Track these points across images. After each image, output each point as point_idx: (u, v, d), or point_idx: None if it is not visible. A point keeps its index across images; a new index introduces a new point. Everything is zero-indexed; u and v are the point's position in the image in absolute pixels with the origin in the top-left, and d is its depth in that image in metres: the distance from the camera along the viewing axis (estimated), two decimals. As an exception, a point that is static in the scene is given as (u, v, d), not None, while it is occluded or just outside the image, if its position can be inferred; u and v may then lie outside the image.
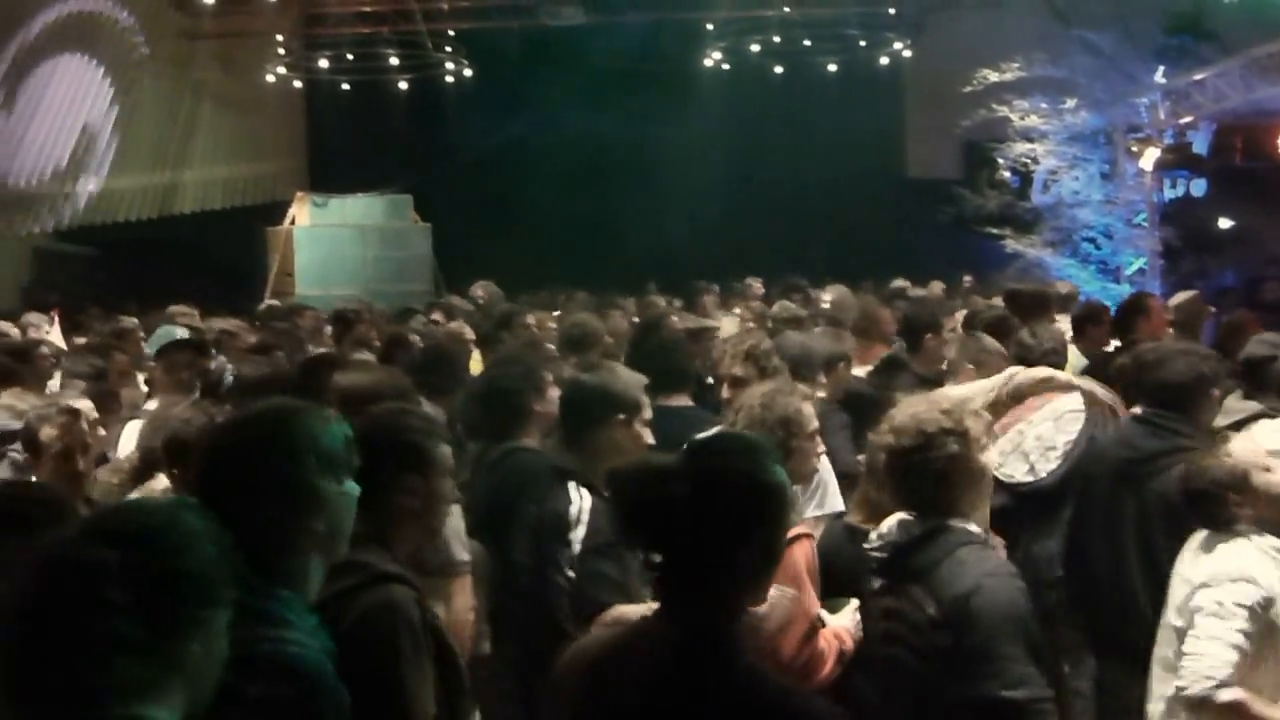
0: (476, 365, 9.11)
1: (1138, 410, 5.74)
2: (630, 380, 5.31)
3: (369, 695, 3.29)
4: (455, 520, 4.78)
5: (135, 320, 12.04)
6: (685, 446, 3.16)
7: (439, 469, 3.86)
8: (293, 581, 2.99)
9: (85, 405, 5.50)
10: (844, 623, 4.68)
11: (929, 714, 4.05)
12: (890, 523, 4.26)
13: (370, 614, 3.45)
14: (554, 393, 5.98)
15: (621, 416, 5.10)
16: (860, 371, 8.14)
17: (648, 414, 5.22)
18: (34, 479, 5.13)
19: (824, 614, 4.69)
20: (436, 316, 12.50)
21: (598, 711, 3.05)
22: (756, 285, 16.99)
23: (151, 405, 7.64)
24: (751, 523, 2.96)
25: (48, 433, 5.16)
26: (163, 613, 2.28)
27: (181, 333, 8.60)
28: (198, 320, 11.91)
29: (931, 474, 4.13)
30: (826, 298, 14.03)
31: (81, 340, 11.30)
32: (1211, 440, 5.11)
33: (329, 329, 11.22)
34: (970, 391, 5.87)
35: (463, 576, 4.91)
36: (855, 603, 4.67)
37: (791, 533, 4.43)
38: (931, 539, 4.13)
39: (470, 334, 10.12)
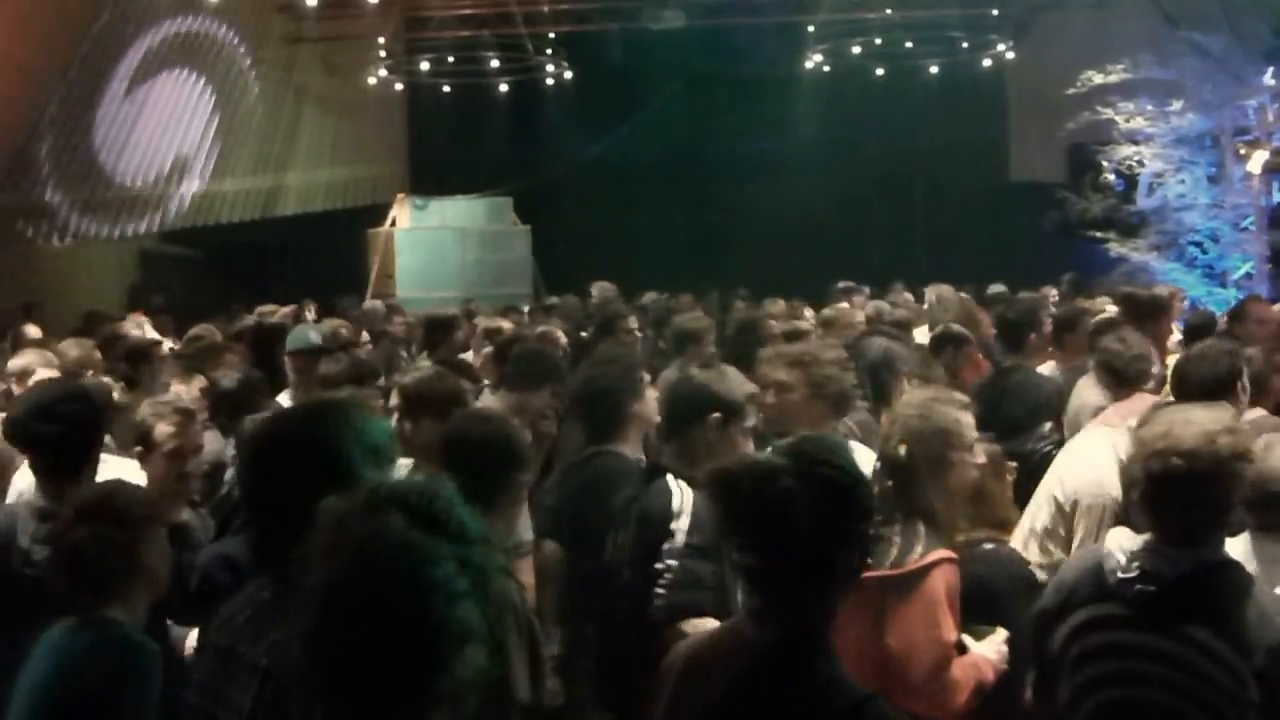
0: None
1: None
2: (736, 383, 5.17)
3: None
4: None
5: (252, 319, 12.18)
6: (774, 449, 3.17)
7: (529, 465, 4.00)
8: None
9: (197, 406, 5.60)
10: (987, 652, 4.49)
11: None
12: (1129, 548, 4.02)
13: None
14: (652, 394, 5.96)
15: (717, 416, 4.95)
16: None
17: (750, 421, 5.07)
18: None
19: (967, 640, 4.49)
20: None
21: (686, 710, 3.06)
22: (862, 289, 16.91)
23: (284, 399, 7.87)
24: (853, 521, 2.97)
25: (162, 430, 5.23)
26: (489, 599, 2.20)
27: (315, 336, 8.70)
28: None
29: (1222, 503, 3.89)
30: (929, 296, 13.92)
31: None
32: None
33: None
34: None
35: (525, 558, 4.94)
36: (1003, 633, 4.50)
37: (933, 556, 4.38)
38: (1215, 576, 3.88)
39: (562, 337, 10.12)
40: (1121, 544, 4.05)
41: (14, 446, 5.13)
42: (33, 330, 11.93)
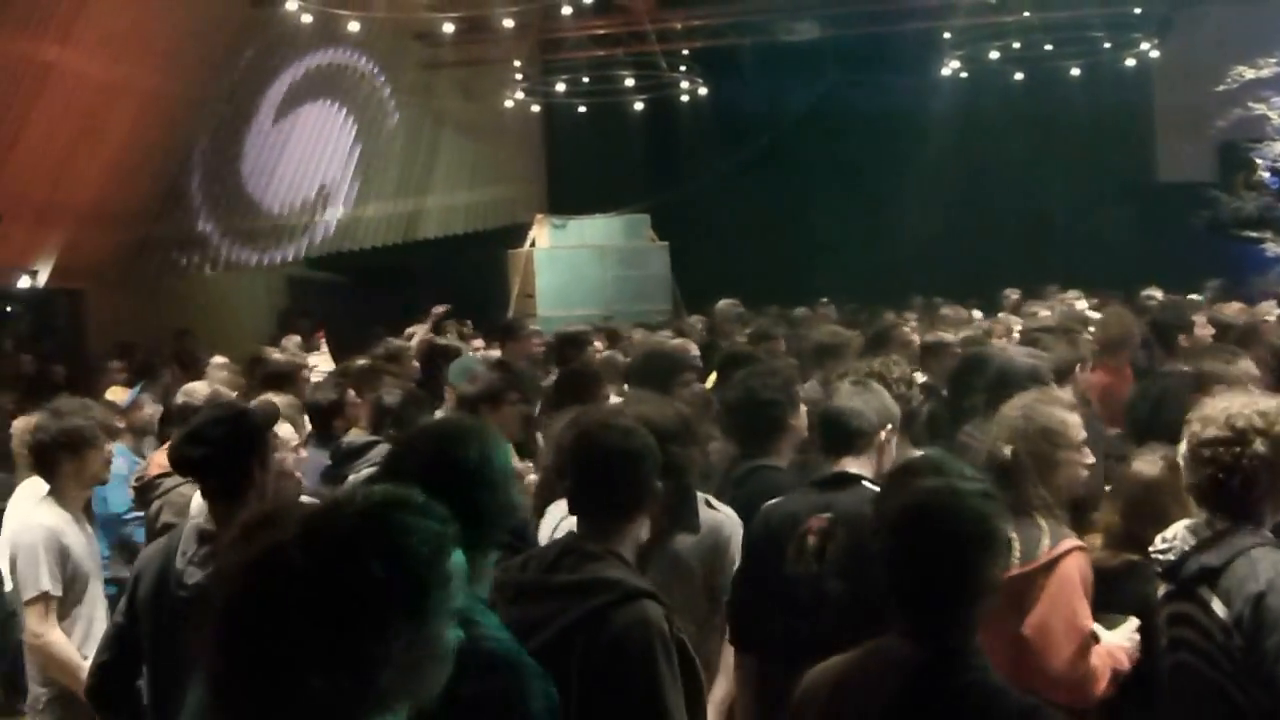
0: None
1: None
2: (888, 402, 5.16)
3: (630, 707, 3.44)
4: None
5: (407, 342, 12.33)
6: (906, 474, 3.24)
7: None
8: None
9: (286, 430, 5.67)
10: (1120, 641, 4.50)
11: (1223, 715, 3.91)
12: (1177, 528, 4.12)
13: (628, 630, 3.53)
14: (804, 409, 5.90)
15: (890, 428, 5.00)
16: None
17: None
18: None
19: (1099, 630, 4.52)
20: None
21: None
22: (1013, 295, 16.75)
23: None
24: (1002, 534, 3.02)
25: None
26: (365, 622, 2.23)
27: (479, 366, 8.82)
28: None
29: (1235, 471, 3.94)
30: (1080, 305, 13.69)
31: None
32: None
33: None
34: None
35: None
36: (1135, 621, 4.50)
37: (1065, 545, 4.46)
38: (1221, 540, 3.98)
39: (696, 350, 10.14)
40: (1172, 528, 4.14)
41: (178, 473, 5.24)
42: (218, 359, 12.17)
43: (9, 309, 17.96)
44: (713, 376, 9.01)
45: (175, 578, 4.60)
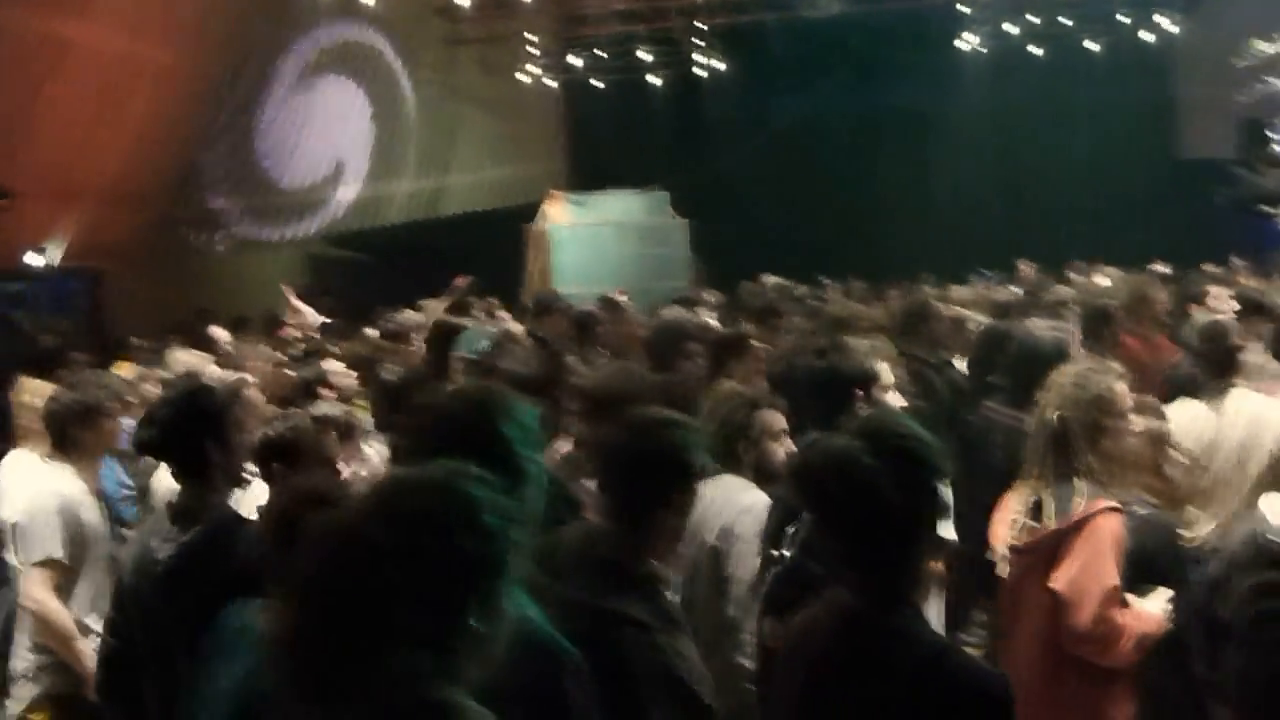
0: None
1: None
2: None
3: None
4: None
5: (412, 319, 12.30)
6: (845, 428, 3.24)
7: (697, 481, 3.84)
8: None
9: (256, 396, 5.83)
10: (1151, 608, 4.52)
11: None
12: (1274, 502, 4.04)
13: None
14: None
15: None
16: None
17: None
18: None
19: (1130, 598, 4.56)
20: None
21: (793, 675, 3.15)
22: (1027, 269, 16.70)
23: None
24: (931, 485, 3.05)
25: None
26: (445, 597, 2.26)
27: (485, 343, 8.78)
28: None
29: None
30: (1101, 281, 13.64)
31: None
32: None
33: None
34: None
35: None
36: (1166, 592, 4.51)
37: (1099, 504, 4.52)
38: None
39: (715, 325, 10.11)
40: (1275, 508, 3.98)
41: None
42: (220, 332, 12.21)
43: (27, 289, 18.02)
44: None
45: (150, 555, 4.63)
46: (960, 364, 8.52)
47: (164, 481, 5.88)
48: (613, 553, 3.63)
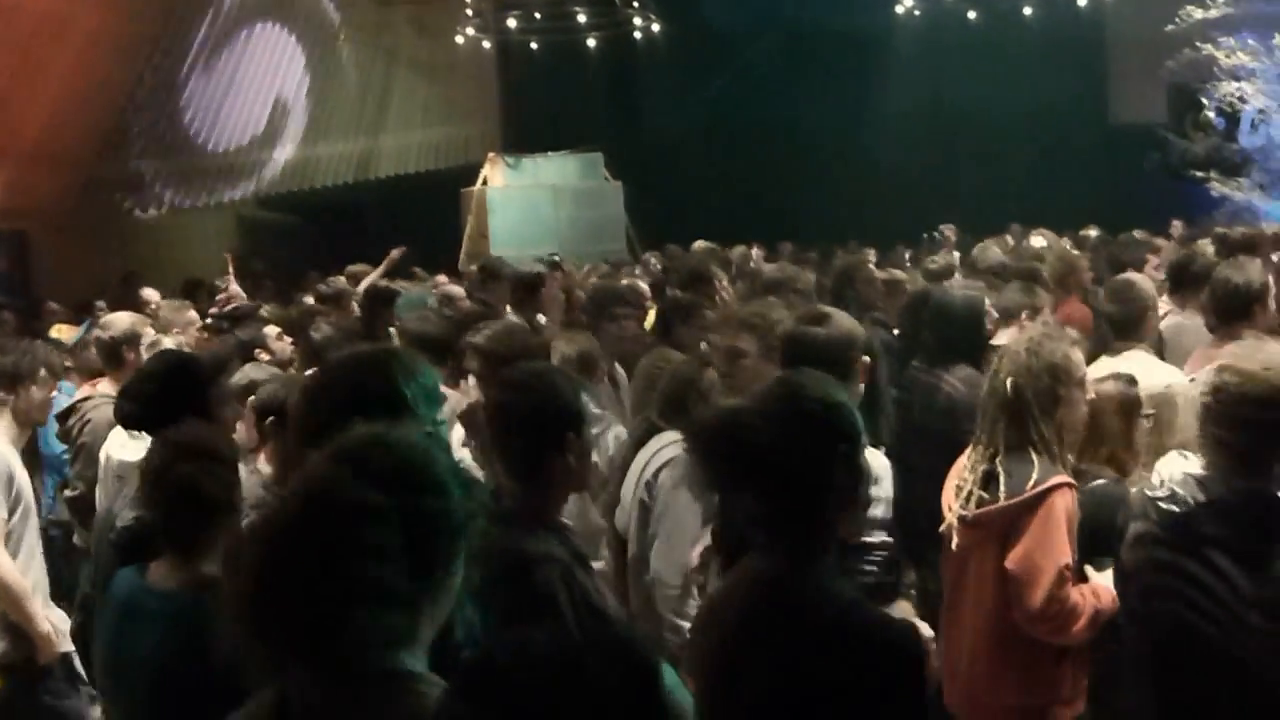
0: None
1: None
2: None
3: None
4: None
5: (346, 283, 12.21)
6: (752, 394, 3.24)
7: (589, 425, 3.93)
8: None
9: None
10: (1106, 583, 4.52)
11: (1224, 684, 3.92)
12: (1176, 470, 4.07)
13: None
14: None
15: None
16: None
17: None
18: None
19: (1089, 571, 4.58)
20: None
21: (709, 641, 3.13)
22: (950, 233, 16.79)
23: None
24: (837, 447, 3.02)
25: None
26: (426, 559, 2.24)
27: (432, 300, 8.73)
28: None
29: (1261, 432, 3.88)
30: (1037, 241, 13.73)
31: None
32: None
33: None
34: None
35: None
36: None
37: (1051, 481, 4.46)
38: (1244, 505, 3.91)
39: (646, 289, 10.10)
40: (1166, 468, 4.10)
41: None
42: (151, 293, 12.08)
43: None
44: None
45: (111, 521, 4.59)
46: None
47: (114, 447, 5.84)
48: (516, 504, 3.67)
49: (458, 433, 5.34)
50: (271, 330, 8.46)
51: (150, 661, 3.68)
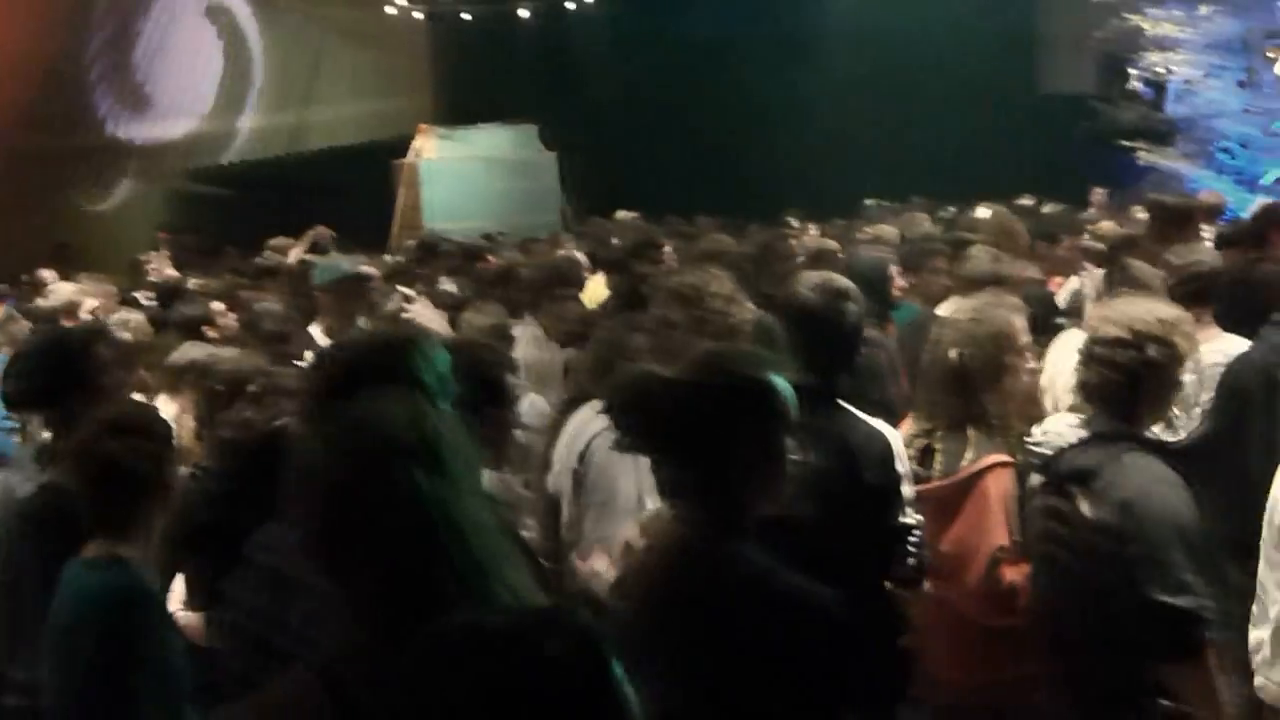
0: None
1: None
2: None
3: None
4: None
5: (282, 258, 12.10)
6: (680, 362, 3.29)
7: (512, 400, 4.03)
8: None
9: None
10: None
11: (1086, 614, 4.03)
12: (1055, 422, 4.28)
13: None
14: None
15: None
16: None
17: None
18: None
19: None
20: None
21: (630, 611, 3.18)
22: (887, 206, 16.87)
23: (316, 331, 7.80)
24: (758, 420, 3.05)
25: None
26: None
27: (346, 265, 8.67)
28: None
29: (1126, 373, 4.02)
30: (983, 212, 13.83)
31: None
32: None
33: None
34: None
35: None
36: None
37: (987, 461, 4.51)
38: (1099, 441, 4.06)
39: (586, 261, 10.12)
40: (1050, 423, 4.32)
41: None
42: (47, 274, 11.93)
43: None
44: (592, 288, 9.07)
45: (10, 494, 4.58)
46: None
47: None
48: None
49: None
50: (218, 306, 8.41)
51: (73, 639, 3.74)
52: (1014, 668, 4.57)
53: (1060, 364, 5.27)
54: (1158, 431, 5.17)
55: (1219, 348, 5.59)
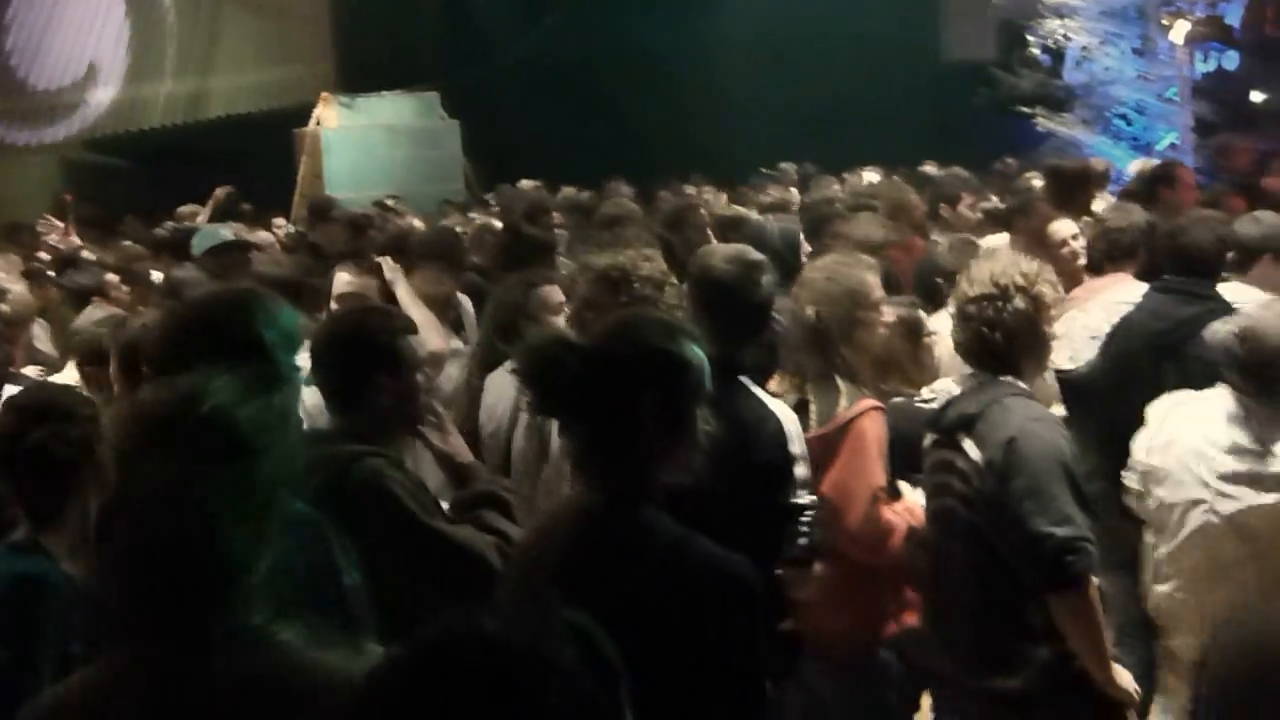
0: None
1: (1163, 280, 5.72)
2: None
3: None
4: None
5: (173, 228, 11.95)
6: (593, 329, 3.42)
7: (410, 365, 3.95)
8: None
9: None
10: (919, 499, 4.71)
11: (978, 562, 4.18)
12: (944, 382, 4.56)
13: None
14: None
15: None
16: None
17: None
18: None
19: (905, 487, 4.78)
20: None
21: (533, 576, 3.16)
22: (791, 171, 16.93)
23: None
24: (639, 387, 3.04)
25: None
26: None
27: (226, 234, 8.57)
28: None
29: (997, 326, 4.17)
30: (869, 177, 13.93)
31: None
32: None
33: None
34: None
35: None
36: None
37: (861, 406, 4.64)
38: (979, 390, 4.25)
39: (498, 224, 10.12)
40: (937, 383, 4.57)
41: None
42: None
43: None
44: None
45: None
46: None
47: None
48: (338, 436, 3.76)
49: None
50: (112, 277, 8.30)
51: None
52: (894, 608, 4.82)
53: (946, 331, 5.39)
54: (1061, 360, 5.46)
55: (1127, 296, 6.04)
